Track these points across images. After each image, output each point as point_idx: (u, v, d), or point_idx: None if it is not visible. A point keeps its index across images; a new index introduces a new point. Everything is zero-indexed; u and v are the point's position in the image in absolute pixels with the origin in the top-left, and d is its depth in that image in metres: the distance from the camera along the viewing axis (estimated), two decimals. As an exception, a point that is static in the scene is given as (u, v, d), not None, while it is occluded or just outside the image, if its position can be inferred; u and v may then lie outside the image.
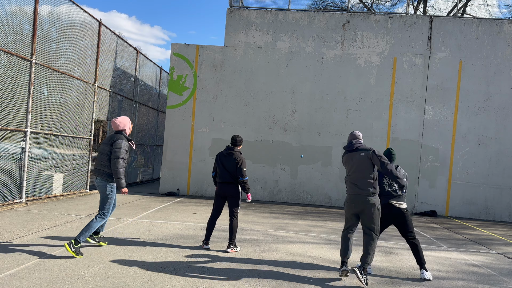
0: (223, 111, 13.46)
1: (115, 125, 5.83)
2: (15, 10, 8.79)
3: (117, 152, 5.59)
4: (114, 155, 5.59)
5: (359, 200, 5.25)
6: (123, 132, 5.85)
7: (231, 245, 6.34)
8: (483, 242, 8.74)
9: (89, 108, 11.72)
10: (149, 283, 4.61)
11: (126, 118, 5.96)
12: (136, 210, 9.61)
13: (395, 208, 5.63)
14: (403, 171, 5.83)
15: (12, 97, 8.70)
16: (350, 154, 5.45)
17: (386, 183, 5.69)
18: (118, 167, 5.56)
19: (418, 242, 5.65)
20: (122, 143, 5.65)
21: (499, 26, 12.95)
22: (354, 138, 5.53)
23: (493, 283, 5.67)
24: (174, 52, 13.62)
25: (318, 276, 5.40)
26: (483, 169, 12.84)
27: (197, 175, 13.41)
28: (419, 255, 5.60)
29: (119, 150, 5.60)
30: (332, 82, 13.22)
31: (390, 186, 5.67)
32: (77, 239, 5.41)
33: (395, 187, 5.65)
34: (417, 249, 5.60)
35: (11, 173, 8.58)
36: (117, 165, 5.56)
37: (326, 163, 13.18)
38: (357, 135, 5.55)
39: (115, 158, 5.58)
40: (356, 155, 5.37)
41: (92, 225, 5.56)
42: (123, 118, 5.89)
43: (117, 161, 5.57)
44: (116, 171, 5.57)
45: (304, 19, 13.41)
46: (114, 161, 5.57)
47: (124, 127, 5.87)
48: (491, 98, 12.88)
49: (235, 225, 6.36)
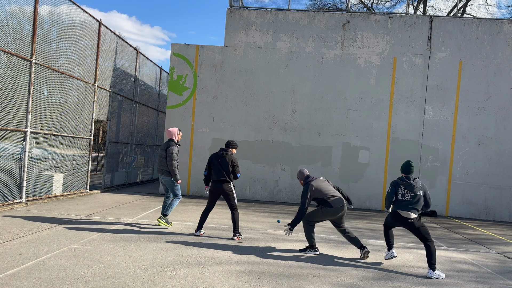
0: (223, 111, 13.46)
1: (169, 133, 7.78)
2: (15, 10, 8.80)
3: (171, 155, 7.55)
4: (169, 158, 7.54)
5: None
6: (173, 140, 7.73)
7: (236, 234, 7.17)
8: (483, 242, 8.74)
9: (89, 108, 11.73)
10: (149, 283, 4.61)
11: (176, 129, 7.85)
12: (136, 210, 9.62)
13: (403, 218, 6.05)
14: (421, 183, 6.09)
15: (12, 97, 8.70)
16: None
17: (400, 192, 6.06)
18: (173, 166, 7.54)
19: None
20: (173, 149, 7.58)
21: (499, 26, 12.95)
22: None
23: (492, 282, 5.67)
24: (174, 52, 13.62)
25: (318, 276, 5.40)
26: (483, 169, 12.84)
27: (197, 175, 13.41)
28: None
29: (171, 154, 7.55)
30: (332, 82, 13.22)
31: (403, 196, 6.04)
32: (165, 213, 7.71)
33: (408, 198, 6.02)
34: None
35: (11, 173, 8.59)
36: (172, 165, 7.53)
37: (326, 163, 13.19)
38: None
39: (170, 160, 7.53)
40: None
41: (173, 204, 7.75)
42: (174, 129, 7.81)
43: (171, 162, 7.54)
44: (172, 169, 7.53)
45: (304, 19, 13.41)
46: (170, 162, 7.54)
47: (173, 136, 7.75)
48: (491, 98, 12.88)
49: (236, 217, 7.20)
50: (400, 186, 6.00)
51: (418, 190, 5.94)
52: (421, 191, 5.96)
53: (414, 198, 5.92)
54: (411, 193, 5.94)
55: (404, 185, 5.98)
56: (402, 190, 5.98)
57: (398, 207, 5.97)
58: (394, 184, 6.07)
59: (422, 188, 6.00)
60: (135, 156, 15.67)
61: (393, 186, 6.05)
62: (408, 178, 6.02)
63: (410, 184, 5.96)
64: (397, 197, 6.00)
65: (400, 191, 5.99)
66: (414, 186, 5.95)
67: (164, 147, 7.70)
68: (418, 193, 5.94)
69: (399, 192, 5.99)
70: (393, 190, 6.02)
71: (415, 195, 5.93)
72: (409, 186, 5.95)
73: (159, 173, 7.75)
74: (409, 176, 6.05)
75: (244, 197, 13.34)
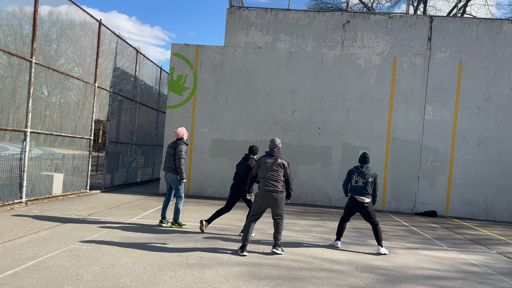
0: (223, 111, 13.46)
1: (176, 134, 7.82)
2: (15, 10, 8.79)
3: (180, 154, 7.61)
4: (177, 156, 7.60)
5: None
6: (182, 139, 7.82)
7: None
8: (483, 242, 8.74)
9: (89, 108, 11.73)
10: (149, 283, 4.61)
11: (184, 128, 7.92)
12: (136, 210, 9.61)
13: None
14: (373, 172, 7.03)
15: (12, 97, 8.70)
16: None
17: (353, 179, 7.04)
18: (181, 164, 7.59)
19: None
20: (183, 147, 7.66)
21: (499, 26, 12.95)
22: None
23: (492, 283, 5.67)
24: (174, 52, 13.62)
25: (318, 277, 5.40)
26: (483, 169, 12.84)
27: (197, 175, 13.41)
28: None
29: (180, 152, 7.61)
30: (332, 82, 13.22)
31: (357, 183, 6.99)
32: (175, 219, 7.82)
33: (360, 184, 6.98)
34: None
35: (11, 173, 8.59)
36: (180, 163, 7.58)
37: (326, 163, 13.19)
38: None
39: (178, 159, 7.59)
40: None
41: (178, 206, 7.79)
42: (181, 129, 7.87)
43: (180, 160, 7.59)
44: (179, 167, 7.60)
45: (304, 19, 13.41)
46: (178, 161, 7.59)
47: (183, 135, 7.83)
48: (491, 98, 12.88)
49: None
50: (354, 173, 7.00)
51: (369, 177, 6.90)
52: (371, 178, 6.92)
53: (366, 184, 6.89)
54: (363, 180, 6.91)
55: (357, 172, 6.97)
56: (356, 177, 6.98)
57: (354, 192, 6.96)
58: (349, 172, 7.08)
59: (373, 175, 6.95)
60: (135, 156, 15.67)
61: (349, 174, 7.07)
62: (362, 166, 7.00)
63: (362, 172, 6.94)
64: (351, 183, 7.02)
65: (354, 177, 7.00)
66: (366, 174, 6.91)
67: (173, 145, 7.77)
68: (369, 180, 6.90)
69: (353, 178, 7.00)
70: (348, 178, 7.06)
71: (366, 182, 6.90)
72: (361, 173, 6.94)
73: (165, 170, 7.77)
74: (363, 165, 7.02)
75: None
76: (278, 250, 6.35)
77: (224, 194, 13.28)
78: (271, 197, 6.28)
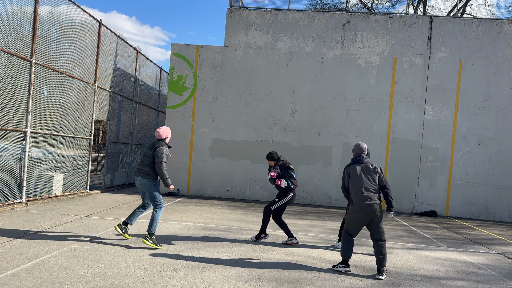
0: (223, 111, 13.46)
1: (158, 134, 6.52)
2: (15, 11, 8.79)
3: (160, 157, 6.25)
4: (157, 160, 6.26)
5: None
6: (164, 140, 6.53)
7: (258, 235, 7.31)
8: (483, 242, 8.74)
9: (89, 108, 11.73)
10: (149, 283, 4.61)
11: (167, 128, 6.67)
12: (136, 210, 9.60)
13: None
14: None
15: (12, 97, 8.70)
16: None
17: None
18: (162, 169, 6.27)
19: None
20: (163, 149, 6.33)
21: (499, 26, 12.95)
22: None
23: (492, 283, 5.67)
24: (174, 52, 13.62)
25: (318, 276, 5.40)
26: (483, 169, 12.84)
27: (197, 175, 13.41)
28: None
29: (161, 155, 6.26)
30: (332, 82, 13.22)
31: None
32: (150, 232, 6.14)
33: None
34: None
35: (11, 173, 8.59)
36: (161, 168, 6.26)
37: (326, 163, 13.19)
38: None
39: (159, 162, 6.25)
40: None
41: (155, 216, 6.25)
42: (165, 128, 6.61)
43: (161, 164, 6.25)
44: (161, 173, 6.27)
45: (304, 19, 13.41)
46: (158, 165, 6.25)
47: (166, 136, 6.57)
48: (491, 98, 12.88)
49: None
50: None
51: None
52: None
53: None
54: None
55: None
56: None
57: None
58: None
59: None
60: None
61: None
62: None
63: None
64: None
65: None
66: None
67: (152, 146, 6.43)
68: None
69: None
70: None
71: None
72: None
73: (136, 174, 6.45)
74: None
75: (244, 197, 13.34)
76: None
77: (224, 194, 13.28)
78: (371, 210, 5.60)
